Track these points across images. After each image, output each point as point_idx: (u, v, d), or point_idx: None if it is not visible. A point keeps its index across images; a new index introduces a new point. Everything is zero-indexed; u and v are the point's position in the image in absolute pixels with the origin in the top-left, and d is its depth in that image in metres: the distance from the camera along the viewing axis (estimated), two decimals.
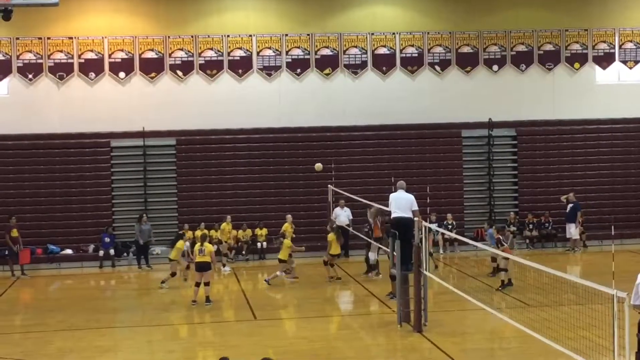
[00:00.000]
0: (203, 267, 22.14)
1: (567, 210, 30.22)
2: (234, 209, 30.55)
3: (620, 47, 32.62)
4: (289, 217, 27.51)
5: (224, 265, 27.57)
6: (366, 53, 31.60)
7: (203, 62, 30.95)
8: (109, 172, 30.76)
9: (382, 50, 31.68)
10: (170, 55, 30.80)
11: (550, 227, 31.18)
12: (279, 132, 31.20)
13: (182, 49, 30.84)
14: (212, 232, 29.32)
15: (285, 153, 31.27)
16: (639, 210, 32.26)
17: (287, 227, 26.81)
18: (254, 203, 30.96)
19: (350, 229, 27.89)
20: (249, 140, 31.17)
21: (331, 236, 24.98)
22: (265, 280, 25.03)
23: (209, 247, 22.38)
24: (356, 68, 31.60)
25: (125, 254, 29.90)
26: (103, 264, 29.30)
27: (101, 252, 29.28)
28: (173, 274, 24.45)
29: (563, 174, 32.25)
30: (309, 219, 29.59)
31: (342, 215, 28.50)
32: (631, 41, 32.60)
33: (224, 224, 28.83)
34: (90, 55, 30.50)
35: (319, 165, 27.28)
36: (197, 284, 22.20)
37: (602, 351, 12.81)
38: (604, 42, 32.54)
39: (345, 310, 22.11)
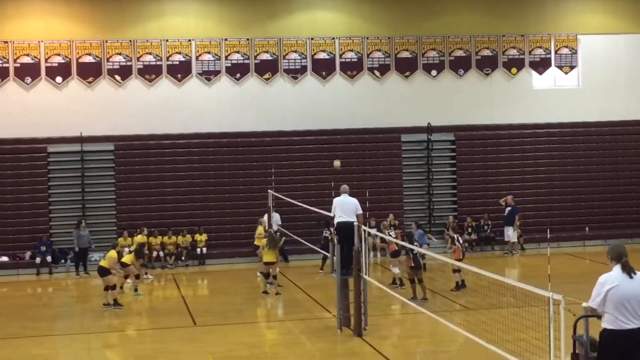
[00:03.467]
0: (101, 272, 22.59)
1: (505, 214, 30.57)
2: (173, 214, 30.38)
3: (556, 52, 33.11)
4: (263, 220, 27.09)
5: (145, 274, 26.57)
6: (306, 58, 31.65)
7: (142, 66, 30.73)
8: (46, 177, 30.36)
9: (322, 55, 31.77)
10: (108, 59, 30.52)
11: (488, 230, 31.52)
12: (219, 137, 31.10)
13: (120, 54, 30.59)
14: (152, 239, 29.17)
15: (225, 158, 31.17)
16: (575, 213, 32.77)
17: (260, 230, 26.66)
18: (194, 208, 30.79)
19: (284, 237, 27.48)
20: (188, 145, 31.01)
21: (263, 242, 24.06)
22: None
23: (110, 254, 22.90)
24: (296, 73, 31.62)
25: (63, 261, 29.50)
26: (40, 271, 28.87)
27: (38, 259, 28.86)
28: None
29: (501, 177, 32.62)
30: (250, 224, 29.46)
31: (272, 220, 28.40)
32: (566, 47, 33.12)
33: (138, 236, 28.22)
34: (26, 60, 30.09)
35: (337, 164, 26.37)
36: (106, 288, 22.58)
37: (539, 353, 12.96)
38: (540, 47, 33.01)
39: (285, 315, 22.06)
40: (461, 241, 24.37)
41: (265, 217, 27.28)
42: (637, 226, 32.74)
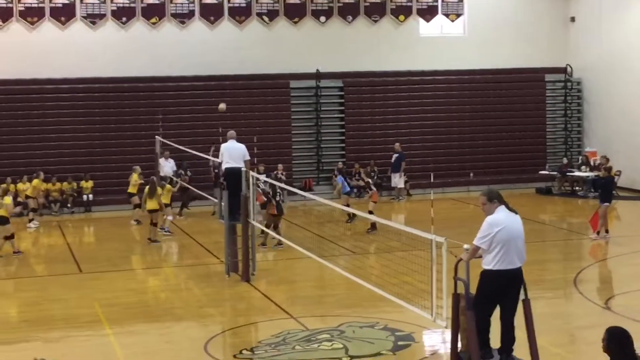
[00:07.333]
0: (1, 222, 21.61)
1: (392, 160, 30.96)
2: (58, 161, 29.77)
3: (442, 0, 33.42)
4: (137, 167, 26.89)
5: (30, 221, 26.53)
6: (194, 2, 31.17)
7: (23, 9, 29.77)
8: None
9: (210, 0, 31.35)
10: None
11: (375, 177, 31.85)
12: (105, 82, 30.46)
13: None
14: (20, 185, 28.25)
15: (111, 104, 30.59)
16: (460, 159, 33.40)
17: (135, 177, 26.36)
18: (79, 155, 30.20)
19: (179, 180, 27.52)
20: (73, 91, 30.30)
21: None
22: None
23: (7, 200, 21.89)
24: (183, 17, 31.15)
25: None
26: None
27: None
28: None
29: (388, 124, 32.95)
30: None
31: (167, 167, 28.23)
32: None
33: (35, 180, 27.43)
34: None
35: (222, 107, 25.91)
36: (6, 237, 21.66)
37: (422, 295, 13.22)
38: None
39: (173, 261, 22.01)
40: (373, 187, 24.56)
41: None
42: (518, 172, 33.58)
